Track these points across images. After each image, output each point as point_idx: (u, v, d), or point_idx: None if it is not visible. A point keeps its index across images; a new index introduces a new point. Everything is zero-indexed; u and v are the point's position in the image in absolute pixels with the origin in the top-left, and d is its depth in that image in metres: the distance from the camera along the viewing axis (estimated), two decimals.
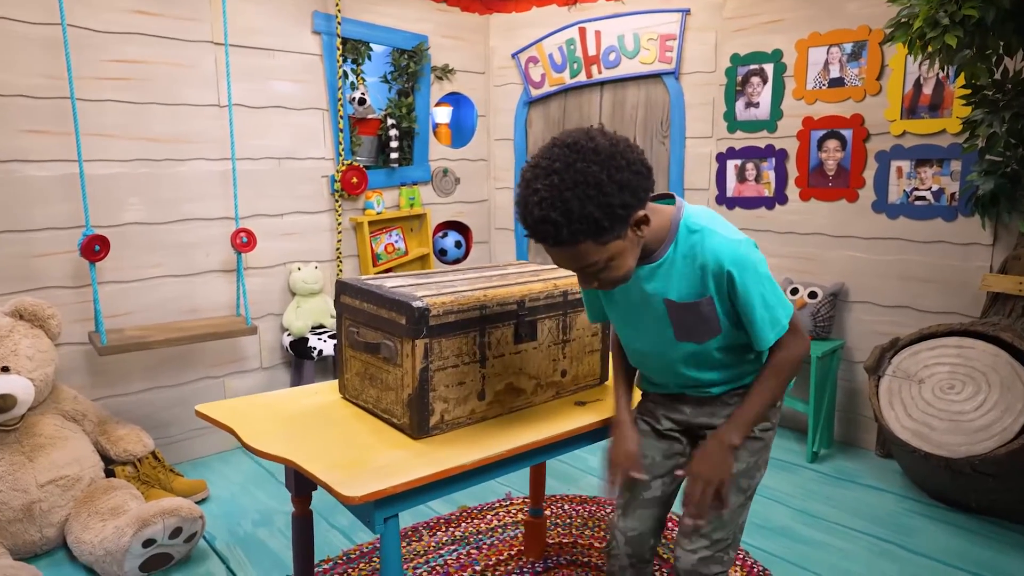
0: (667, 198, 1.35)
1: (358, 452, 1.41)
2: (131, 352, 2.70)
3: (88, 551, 2.17)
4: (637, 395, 1.63)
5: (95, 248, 2.54)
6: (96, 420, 2.61)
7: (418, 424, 1.47)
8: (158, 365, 2.96)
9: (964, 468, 2.38)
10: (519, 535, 2.42)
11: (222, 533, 2.48)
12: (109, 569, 2.12)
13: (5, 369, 2.27)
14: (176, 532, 2.18)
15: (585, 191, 1.11)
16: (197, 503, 2.63)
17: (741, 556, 2.28)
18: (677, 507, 1.58)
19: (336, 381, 1.83)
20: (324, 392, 1.78)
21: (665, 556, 2.26)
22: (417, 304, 1.43)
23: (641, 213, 1.19)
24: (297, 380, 3.31)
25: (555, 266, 1.95)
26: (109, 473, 2.57)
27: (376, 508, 1.28)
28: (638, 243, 1.24)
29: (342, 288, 1.67)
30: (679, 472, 1.44)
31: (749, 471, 1.42)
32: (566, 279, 1.75)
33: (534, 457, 1.54)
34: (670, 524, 2.42)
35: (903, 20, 2.16)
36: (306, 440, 1.47)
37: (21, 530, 2.23)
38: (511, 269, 1.90)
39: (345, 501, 1.21)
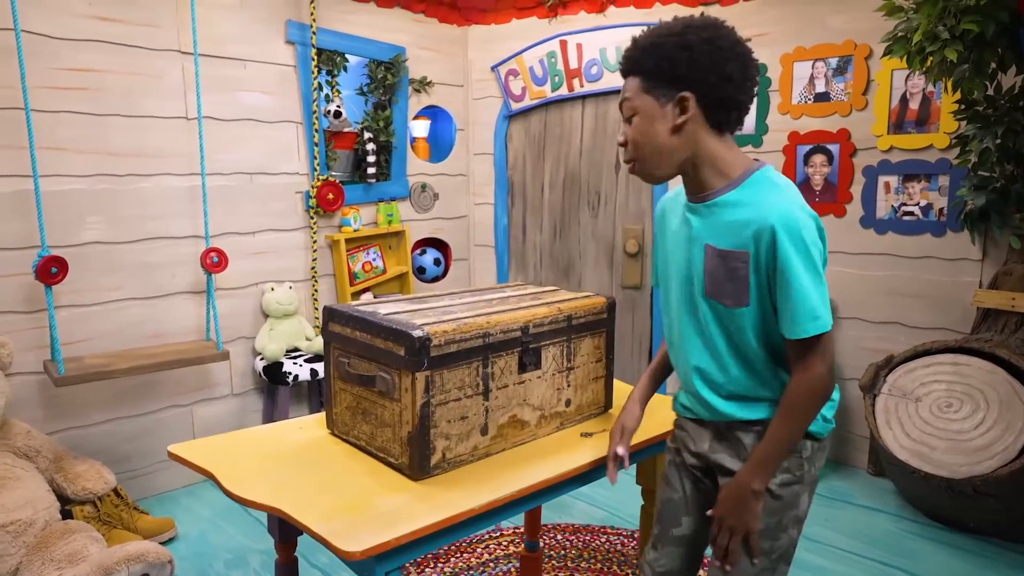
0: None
1: (354, 497, 1.27)
2: (91, 382, 2.50)
3: None
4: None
5: (52, 270, 2.35)
6: (51, 456, 2.41)
7: (419, 464, 1.34)
8: (120, 394, 2.76)
9: (965, 489, 2.34)
10: (513, 569, 2.29)
11: None
12: None
13: None
14: None
15: (671, 39, 1.19)
16: (164, 543, 2.44)
17: None
18: None
19: (322, 415, 1.69)
20: (310, 427, 1.64)
21: None
22: (417, 333, 1.31)
23: (688, 94, 1.19)
24: (271, 407, 3.13)
25: (555, 287, 1.84)
26: (66, 514, 2.36)
27: (378, 562, 1.15)
28: (670, 128, 1.22)
29: (330, 315, 1.53)
30: (710, 512, 1.33)
31: (770, 532, 1.24)
32: (570, 303, 1.64)
33: (543, 496, 1.43)
34: None
35: (900, 34, 2.13)
36: (294, 484, 1.33)
37: None
38: (509, 291, 1.79)
39: (346, 557, 1.08)
